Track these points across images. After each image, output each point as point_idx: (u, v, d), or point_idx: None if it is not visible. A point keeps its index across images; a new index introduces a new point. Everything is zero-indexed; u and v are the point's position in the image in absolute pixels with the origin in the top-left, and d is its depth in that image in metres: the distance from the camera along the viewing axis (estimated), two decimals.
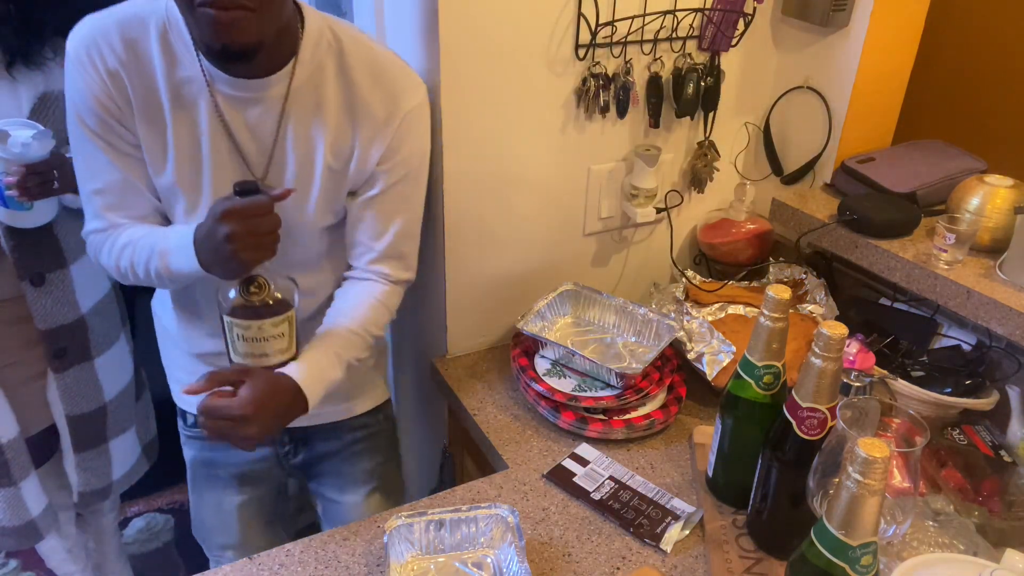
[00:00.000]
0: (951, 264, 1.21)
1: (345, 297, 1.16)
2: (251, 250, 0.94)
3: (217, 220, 0.93)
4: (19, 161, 1.19)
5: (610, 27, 1.26)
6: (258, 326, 0.99)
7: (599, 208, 1.43)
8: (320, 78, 1.05)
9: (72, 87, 1.02)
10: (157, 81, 1.01)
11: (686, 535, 1.07)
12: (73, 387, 1.39)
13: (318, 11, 1.06)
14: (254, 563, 1.01)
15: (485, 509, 1.01)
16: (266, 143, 1.06)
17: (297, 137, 1.06)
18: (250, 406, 0.97)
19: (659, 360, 1.29)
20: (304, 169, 1.08)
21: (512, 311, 1.40)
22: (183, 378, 1.27)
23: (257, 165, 1.07)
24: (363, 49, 1.07)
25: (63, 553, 1.59)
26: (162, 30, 1.00)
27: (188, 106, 1.03)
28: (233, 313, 0.99)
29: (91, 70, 1.00)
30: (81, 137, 1.04)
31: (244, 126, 1.04)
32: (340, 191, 1.11)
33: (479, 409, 1.30)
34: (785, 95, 1.48)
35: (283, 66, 1.02)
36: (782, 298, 0.94)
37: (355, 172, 1.10)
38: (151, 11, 1.01)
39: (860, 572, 0.76)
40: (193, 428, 1.32)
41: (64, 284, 1.33)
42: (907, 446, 0.87)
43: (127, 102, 1.02)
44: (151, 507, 2.19)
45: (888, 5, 1.32)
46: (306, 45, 1.03)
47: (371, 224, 1.14)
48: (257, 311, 0.99)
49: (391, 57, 1.10)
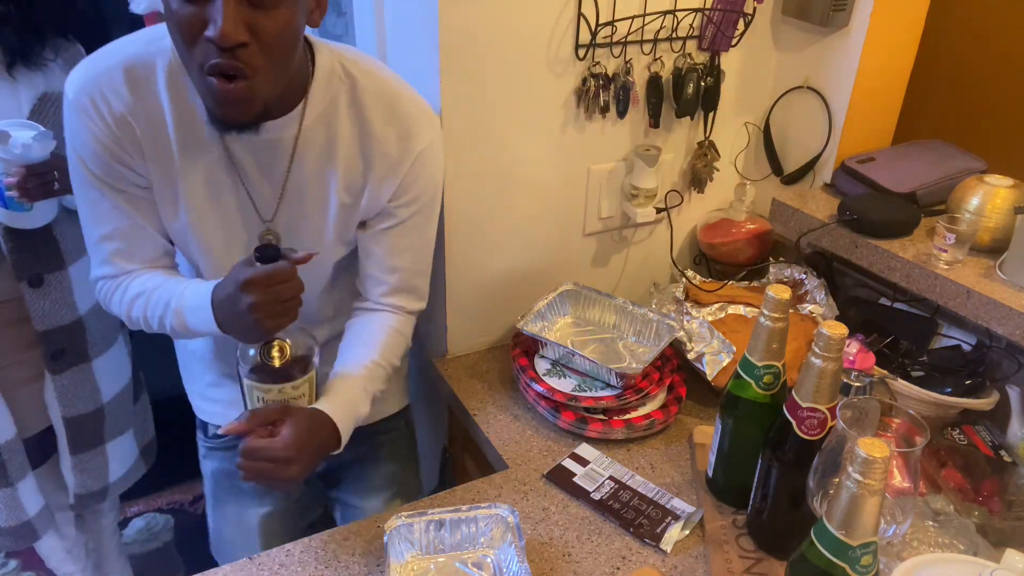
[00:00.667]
0: (951, 264, 1.21)
1: (365, 328, 1.14)
2: (274, 318, 0.92)
3: (239, 289, 0.90)
4: (19, 162, 1.19)
5: (610, 27, 1.26)
6: (279, 389, 0.97)
7: (599, 208, 1.43)
8: (332, 115, 1.03)
9: (75, 134, 0.98)
10: (167, 125, 0.98)
11: (686, 535, 1.07)
12: (70, 388, 1.39)
13: (327, 44, 1.03)
14: (254, 563, 1.01)
15: (485, 509, 1.01)
16: (277, 184, 1.04)
17: (309, 176, 1.04)
18: (292, 447, 0.94)
19: (659, 360, 1.29)
20: (317, 207, 1.07)
21: (512, 311, 1.40)
22: (204, 390, 1.27)
23: (267, 207, 1.05)
24: (376, 83, 1.04)
25: (62, 553, 1.59)
26: (169, 71, 0.96)
27: (198, 149, 1.00)
28: (253, 376, 0.97)
29: (96, 118, 0.96)
30: (85, 183, 1.01)
31: (255, 167, 1.02)
32: (352, 224, 1.10)
33: (479, 409, 1.30)
34: (785, 95, 1.48)
35: (293, 107, 0.99)
36: (782, 298, 0.94)
37: (367, 206, 1.08)
38: (157, 50, 0.97)
39: (860, 572, 0.76)
40: (214, 439, 1.30)
41: (63, 285, 1.33)
42: (907, 446, 0.87)
43: (136, 147, 0.98)
44: (151, 507, 2.19)
45: (888, 5, 1.32)
46: (317, 84, 1.00)
47: (382, 258, 1.13)
48: (278, 374, 0.97)
49: (404, 92, 1.07)
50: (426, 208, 1.13)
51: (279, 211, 1.06)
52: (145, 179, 1.01)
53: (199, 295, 0.98)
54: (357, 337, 1.14)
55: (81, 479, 1.47)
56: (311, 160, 1.04)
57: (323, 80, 1.01)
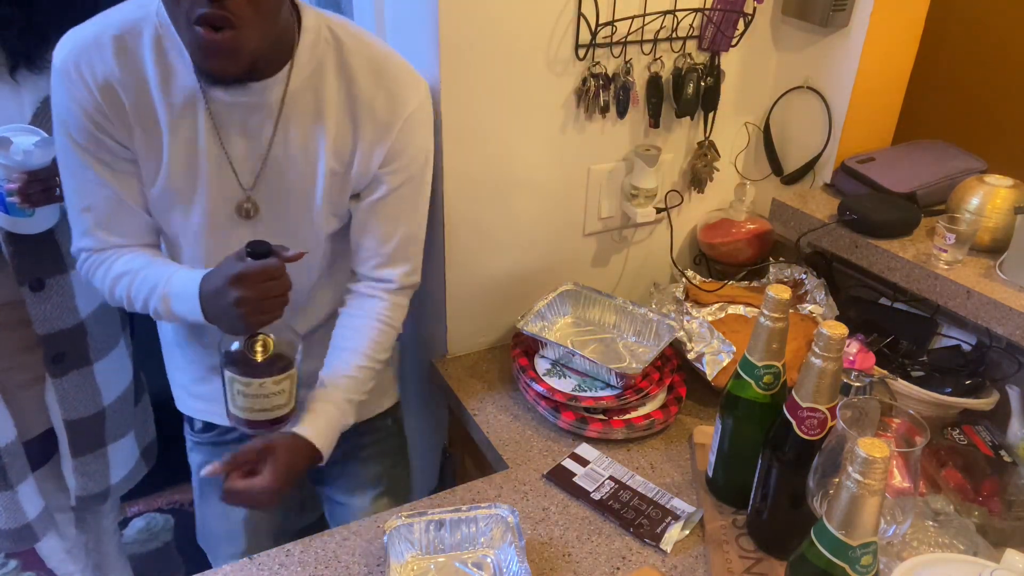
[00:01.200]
0: (951, 264, 1.21)
1: (352, 324, 1.14)
2: (260, 314, 0.93)
3: (228, 283, 0.91)
4: (21, 168, 1.19)
5: (610, 27, 1.26)
6: (259, 383, 0.98)
7: (599, 208, 1.43)
8: (319, 79, 1.03)
9: (60, 101, 0.99)
10: (151, 91, 0.98)
11: (686, 535, 1.07)
12: (71, 392, 1.39)
13: (315, 8, 1.04)
14: (254, 563, 1.01)
15: (485, 509, 1.01)
16: (260, 150, 1.03)
17: (296, 142, 1.04)
18: (274, 483, 0.98)
19: (659, 360, 1.29)
20: (306, 174, 1.06)
21: (512, 311, 1.40)
22: (189, 386, 1.27)
23: (248, 175, 1.04)
24: (363, 47, 1.05)
25: (63, 554, 1.59)
26: (156, 36, 0.97)
27: (184, 113, 1.00)
28: (234, 369, 0.97)
29: (80, 85, 0.96)
30: (69, 152, 1.01)
31: (239, 131, 1.02)
32: (344, 194, 1.10)
33: (479, 409, 1.30)
34: (785, 95, 1.48)
35: (279, 70, 0.99)
36: (782, 298, 0.94)
37: (357, 174, 1.08)
38: (143, 16, 0.98)
39: (860, 572, 0.76)
40: (200, 434, 1.31)
41: (64, 289, 1.33)
42: (907, 446, 0.87)
43: (120, 116, 0.99)
44: (151, 507, 2.19)
45: (888, 5, 1.32)
46: (303, 46, 1.00)
47: (376, 228, 1.12)
48: (259, 369, 0.97)
49: (392, 55, 1.08)
50: (418, 176, 1.12)
51: (260, 180, 1.05)
52: (129, 151, 1.02)
53: (187, 283, 0.99)
54: (343, 339, 1.14)
55: (82, 482, 1.47)
56: (298, 124, 1.03)
57: (310, 42, 1.01)
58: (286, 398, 1.01)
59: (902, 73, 1.44)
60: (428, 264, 1.36)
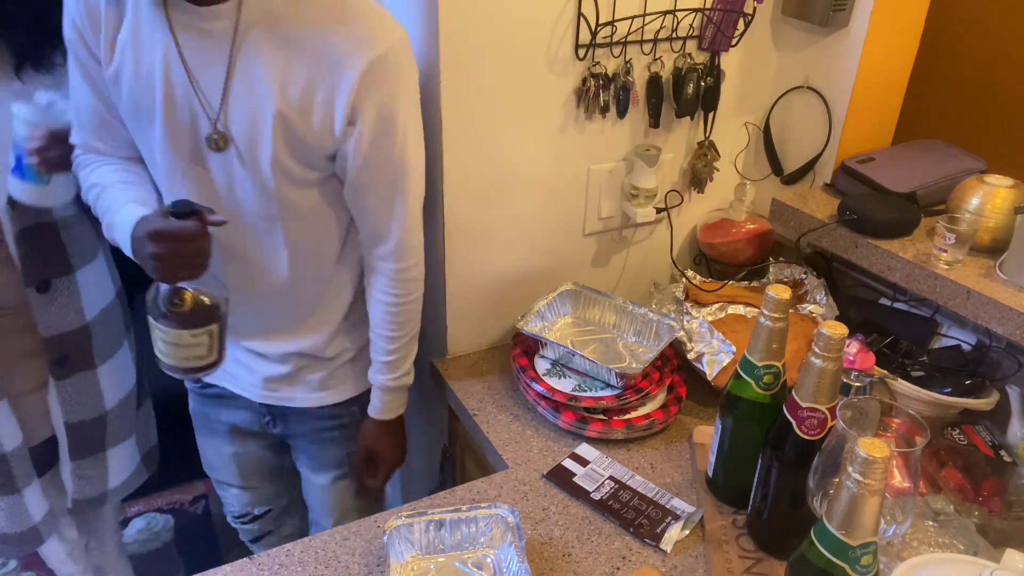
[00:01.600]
0: (951, 264, 1.21)
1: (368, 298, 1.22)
2: (175, 270, 0.96)
3: (147, 237, 0.95)
4: (44, 123, 1.18)
5: (610, 27, 1.26)
6: (176, 334, 1.01)
7: (599, 208, 1.43)
8: (274, 12, 0.97)
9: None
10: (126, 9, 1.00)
11: (686, 535, 1.07)
12: (73, 395, 1.38)
13: None
14: (254, 563, 1.01)
15: (485, 509, 1.01)
16: (219, 80, 0.99)
17: (249, 77, 0.98)
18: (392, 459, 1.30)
19: (659, 360, 1.29)
20: (255, 117, 1.00)
21: (512, 311, 1.40)
22: None
23: (213, 102, 1.01)
24: None
25: (63, 554, 1.59)
26: None
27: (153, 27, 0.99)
28: (155, 316, 1.01)
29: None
30: (69, 44, 1.05)
31: (204, 59, 0.99)
32: (298, 149, 1.03)
33: (479, 409, 1.30)
34: (785, 95, 1.48)
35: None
36: (782, 298, 0.94)
37: (315, 127, 1.00)
38: None
39: (860, 572, 0.76)
40: (194, 384, 1.39)
41: (70, 291, 1.33)
42: (907, 446, 0.87)
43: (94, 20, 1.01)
44: (151, 507, 2.19)
45: (888, 5, 1.32)
46: None
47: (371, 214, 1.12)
48: (178, 319, 1.00)
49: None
50: (391, 130, 1.04)
51: (223, 112, 1.01)
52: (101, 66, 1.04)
53: (126, 220, 1.02)
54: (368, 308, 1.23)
55: (79, 485, 1.46)
56: (249, 58, 0.98)
57: None
58: (205, 351, 1.04)
59: (902, 73, 1.44)
60: (428, 264, 1.36)
